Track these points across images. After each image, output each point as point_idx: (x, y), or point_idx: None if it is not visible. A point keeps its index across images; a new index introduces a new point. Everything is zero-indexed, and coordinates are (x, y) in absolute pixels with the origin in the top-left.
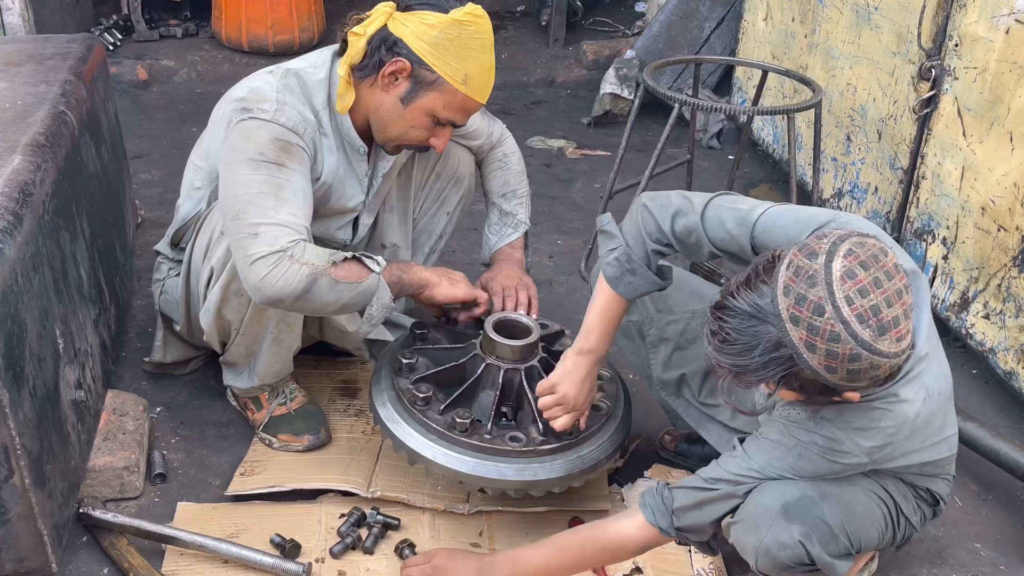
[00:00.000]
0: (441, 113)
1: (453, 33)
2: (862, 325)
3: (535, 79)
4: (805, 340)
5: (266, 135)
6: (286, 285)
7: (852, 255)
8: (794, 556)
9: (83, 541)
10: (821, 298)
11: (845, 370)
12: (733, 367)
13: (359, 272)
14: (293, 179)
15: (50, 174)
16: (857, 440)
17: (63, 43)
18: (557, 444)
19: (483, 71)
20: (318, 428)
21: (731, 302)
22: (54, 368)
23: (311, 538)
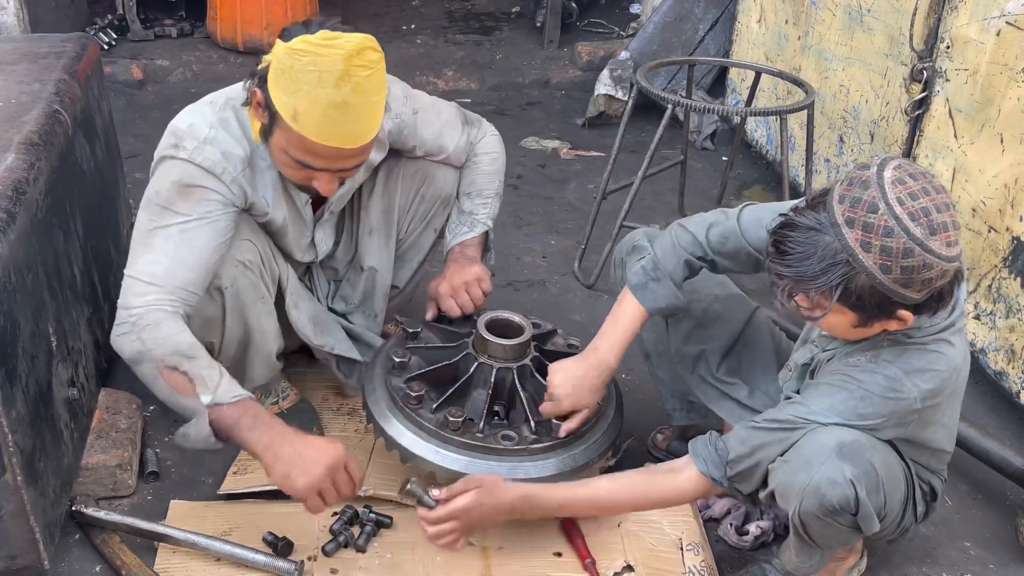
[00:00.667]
0: (290, 152)
1: (286, 63)
2: (914, 223)
3: (530, 80)
4: (860, 239)
5: (172, 176)
6: (119, 347)
7: (902, 167)
8: (842, 496)
9: (76, 539)
10: (874, 197)
11: (899, 267)
12: (794, 276)
13: (184, 388)
14: (176, 222)
15: (44, 173)
16: (916, 381)
17: (57, 42)
18: (549, 443)
19: (316, 108)
20: (311, 427)
21: (793, 219)
22: (47, 366)
23: (303, 536)
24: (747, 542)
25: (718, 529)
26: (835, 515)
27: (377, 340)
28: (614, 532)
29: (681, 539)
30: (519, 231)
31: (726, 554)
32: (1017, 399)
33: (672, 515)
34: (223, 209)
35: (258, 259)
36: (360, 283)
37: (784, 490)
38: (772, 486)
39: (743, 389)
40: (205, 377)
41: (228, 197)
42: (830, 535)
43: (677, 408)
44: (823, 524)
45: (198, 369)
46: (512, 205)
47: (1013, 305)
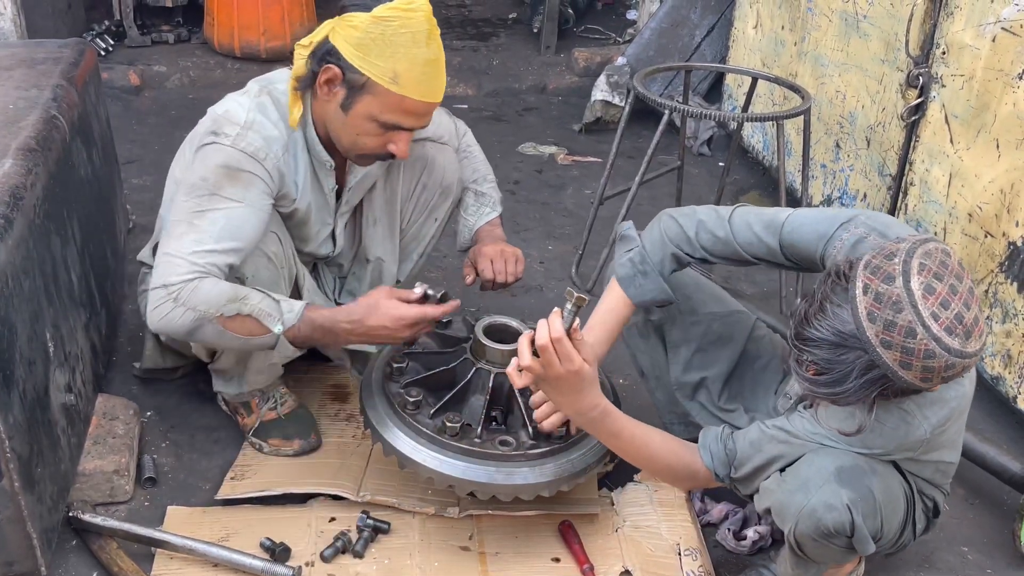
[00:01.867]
0: (381, 117)
1: (376, 31)
2: (951, 336)
3: (527, 86)
4: (900, 360)
5: (217, 161)
6: (170, 324)
7: (925, 269)
8: (838, 521)
9: (72, 545)
10: (911, 322)
11: (940, 378)
12: (830, 396)
13: (252, 329)
14: (222, 206)
15: (41, 178)
16: (927, 414)
17: (55, 48)
18: (547, 448)
19: (416, 66)
20: (308, 433)
21: (812, 332)
22: (44, 372)
23: (301, 542)
24: (745, 547)
25: (716, 534)
26: (830, 538)
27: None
28: (611, 537)
29: (679, 544)
30: (516, 236)
31: (724, 559)
32: (1014, 404)
33: (670, 520)
34: (266, 195)
35: (281, 254)
36: (367, 275)
37: (780, 509)
38: (768, 504)
39: (743, 417)
40: (266, 310)
41: (269, 183)
42: (825, 554)
43: (675, 423)
44: (818, 545)
45: (255, 305)
46: (509, 210)
47: (1009, 310)
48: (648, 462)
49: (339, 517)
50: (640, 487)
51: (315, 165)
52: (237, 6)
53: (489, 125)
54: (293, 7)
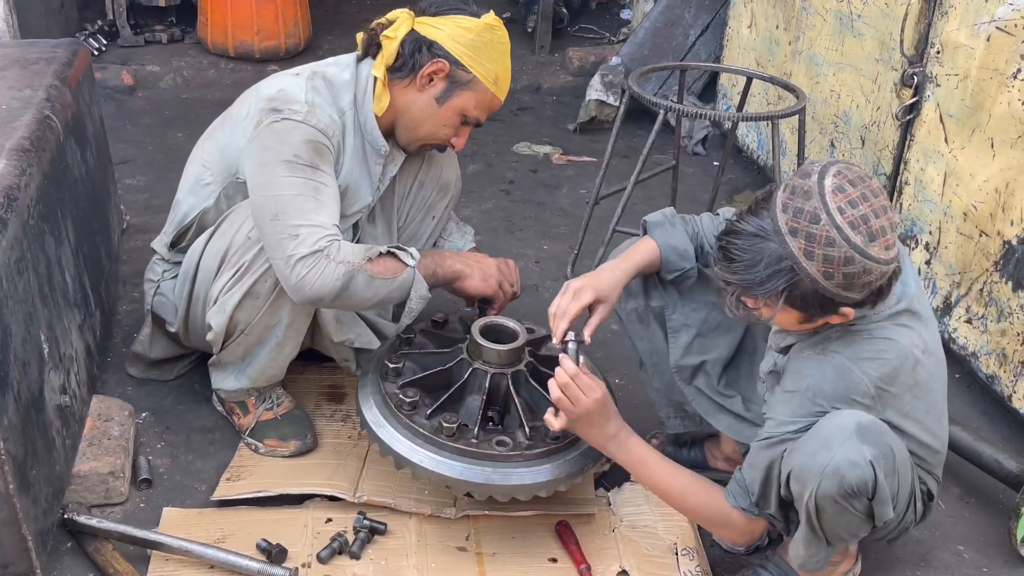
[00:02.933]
0: (472, 112)
1: (486, 37)
2: (854, 231)
3: (521, 85)
4: (804, 248)
5: (299, 137)
6: (324, 284)
7: (841, 175)
8: (862, 478)
9: (68, 547)
10: (816, 208)
11: (841, 274)
12: (741, 283)
13: (394, 267)
14: (328, 182)
15: (35, 179)
16: (865, 368)
17: (48, 48)
18: (544, 449)
19: (507, 73)
20: (304, 433)
21: (737, 226)
22: (39, 373)
23: (297, 543)
24: (741, 547)
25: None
26: (852, 498)
27: (390, 327)
28: (608, 538)
29: (676, 544)
30: (512, 236)
31: (721, 558)
32: (1009, 402)
33: (667, 520)
34: (334, 165)
35: None
36: None
37: (801, 472)
38: (788, 468)
39: (740, 403)
40: (396, 252)
41: (335, 155)
42: (842, 523)
43: (671, 416)
44: (838, 509)
45: (385, 249)
46: (504, 210)
47: (1004, 309)
48: (679, 499)
49: (336, 518)
50: (637, 487)
51: (365, 150)
52: (231, 5)
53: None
54: (287, 6)
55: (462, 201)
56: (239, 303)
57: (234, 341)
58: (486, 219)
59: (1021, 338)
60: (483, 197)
